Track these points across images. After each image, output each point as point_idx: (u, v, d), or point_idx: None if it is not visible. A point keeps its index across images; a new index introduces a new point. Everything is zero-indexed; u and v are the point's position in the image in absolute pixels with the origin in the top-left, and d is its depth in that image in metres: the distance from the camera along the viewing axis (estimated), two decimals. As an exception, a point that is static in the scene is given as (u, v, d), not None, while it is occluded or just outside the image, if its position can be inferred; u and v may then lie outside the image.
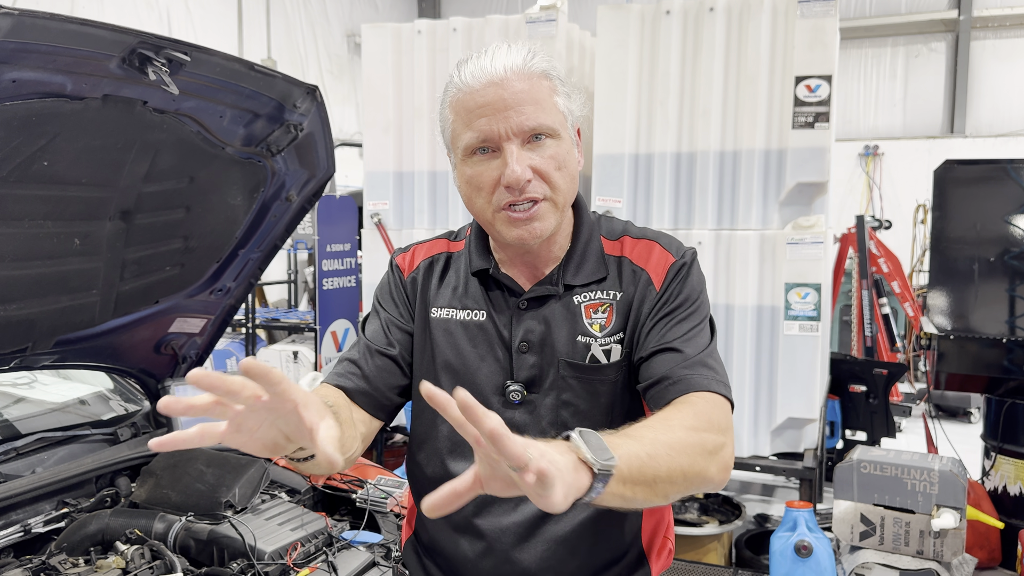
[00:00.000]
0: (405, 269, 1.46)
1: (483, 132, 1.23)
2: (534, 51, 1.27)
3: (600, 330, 1.33)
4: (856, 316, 6.45)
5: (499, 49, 1.25)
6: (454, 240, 1.49)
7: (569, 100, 1.29)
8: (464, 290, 1.40)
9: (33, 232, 1.81)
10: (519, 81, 1.22)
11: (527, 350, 1.34)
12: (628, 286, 1.34)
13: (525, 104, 1.22)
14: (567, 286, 1.34)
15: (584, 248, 1.37)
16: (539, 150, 1.24)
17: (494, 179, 1.24)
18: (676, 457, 1.05)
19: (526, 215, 1.25)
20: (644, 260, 1.36)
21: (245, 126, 1.99)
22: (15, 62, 1.45)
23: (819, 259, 3.57)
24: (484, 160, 1.25)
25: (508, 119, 1.22)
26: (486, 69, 1.23)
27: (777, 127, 3.62)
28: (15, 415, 2.51)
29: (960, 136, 10.23)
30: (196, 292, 2.39)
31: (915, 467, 2.84)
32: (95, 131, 1.72)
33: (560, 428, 1.31)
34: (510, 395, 1.33)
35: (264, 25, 9.50)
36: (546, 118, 1.24)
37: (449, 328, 1.38)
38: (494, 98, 1.22)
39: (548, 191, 1.25)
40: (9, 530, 1.98)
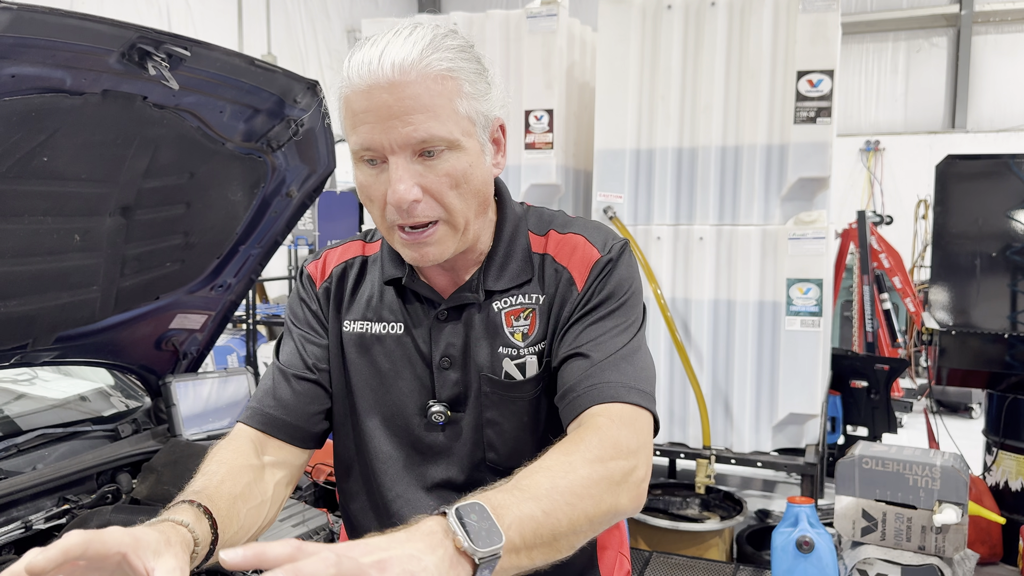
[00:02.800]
0: (317, 279, 1.31)
1: (366, 141, 1.07)
2: (437, 43, 1.07)
3: (523, 339, 1.19)
4: (857, 312, 6.44)
5: (394, 39, 1.06)
6: (369, 241, 1.33)
7: (480, 100, 1.11)
8: (379, 299, 1.25)
9: (33, 228, 1.80)
10: (409, 84, 1.04)
11: (449, 366, 1.20)
12: (550, 287, 1.20)
13: (414, 112, 1.04)
14: (488, 292, 1.20)
15: (508, 248, 1.22)
16: (433, 165, 1.07)
17: (383, 193, 1.09)
18: (578, 504, 0.93)
19: (418, 239, 1.10)
20: (567, 257, 1.21)
21: (245, 121, 1.98)
22: (14, 57, 1.44)
23: (821, 254, 3.57)
24: (373, 170, 1.09)
25: (392, 130, 1.04)
26: (372, 67, 1.04)
27: (779, 122, 3.61)
28: (16, 411, 2.51)
29: (961, 131, 10.21)
30: (197, 288, 2.38)
31: (917, 462, 2.83)
32: (95, 127, 1.71)
33: (485, 449, 1.20)
34: (432, 417, 1.20)
35: (264, 20, 9.48)
36: (440, 128, 1.06)
37: (364, 343, 1.24)
38: (378, 103, 1.04)
39: (441, 212, 1.10)
40: (10, 527, 1.97)
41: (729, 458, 3.81)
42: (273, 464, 1.21)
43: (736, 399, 3.78)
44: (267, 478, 1.19)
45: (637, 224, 3.89)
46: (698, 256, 3.78)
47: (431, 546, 0.78)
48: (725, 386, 3.80)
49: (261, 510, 1.14)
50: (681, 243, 3.82)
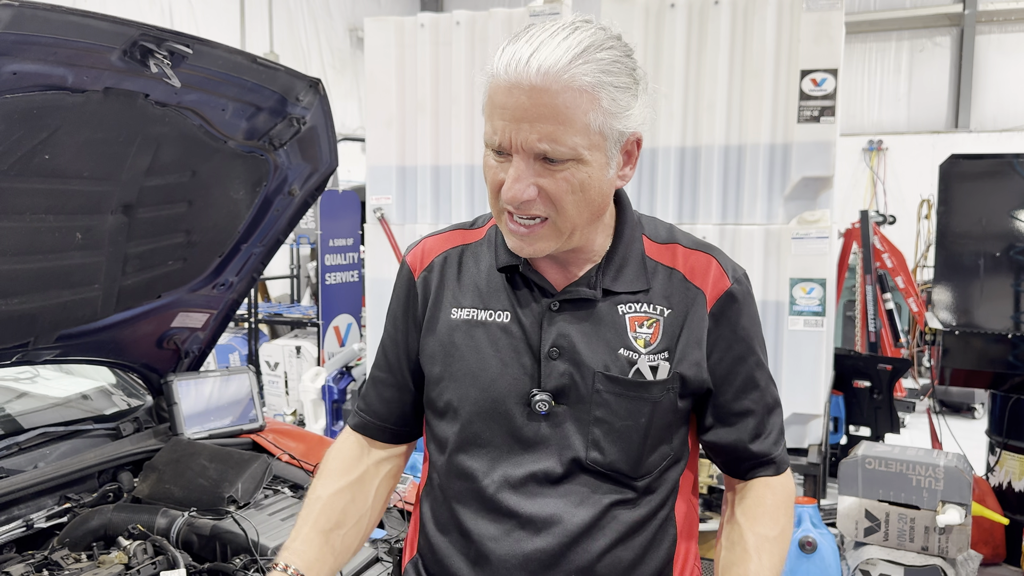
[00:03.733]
0: (416, 268, 1.34)
1: (497, 134, 1.11)
2: (590, 52, 1.08)
3: (645, 346, 1.21)
4: (860, 311, 6.43)
5: (550, 40, 1.08)
6: (470, 229, 1.36)
7: (617, 117, 1.12)
8: (487, 287, 1.27)
9: (35, 226, 1.80)
10: (548, 92, 1.06)
11: (557, 356, 1.21)
12: (679, 304, 1.23)
13: (545, 121, 1.07)
14: (607, 291, 1.23)
15: (626, 251, 1.24)
16: (552, 170, 1.11)
17: (501, 182, 1.14)
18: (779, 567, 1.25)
19: (525, 230, 1.15)
20: (700, 278, 1.24)
21: (247, 119, 1.98)
22: (16, 54, 1.44)
23: (824, 254, 3.56)
24: (499, 159, 1.14)
25: (520, 131, 1.08)
26: (519, 66, 1.07)
27: (782, 121, 3.60)
28: (17, 410, 2.51)
29: (965, 131, 10.19)
30: (199, 287, 2.38)
31: (920, 463, 2.83)
32: (96, 124, 1.70)
33: (589, 447, 1.21)
34: (536, 405, 1.21)
35: (266, 19, 9.48)
36: (567, 140, 1.08)
37: (469, 331, 1.26)
38: (514, 104, 1.08)
39: (553, 213, 1.13)
40: (11, 525, 1.97)
41: (731, 458, 3.80)
42: (379, 461, 1.39)
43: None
44: (370, 480, 1.37)
45: (640, 223, 3.88)
46: (701, 255, 3.78)
47: None
48: (728, 386, 3.80)
49: (362, 523, 1.34)
50: (684, 242, 3.82)
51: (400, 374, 1.36)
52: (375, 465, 1.38)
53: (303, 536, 1.28)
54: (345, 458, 1.37)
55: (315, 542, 1.27)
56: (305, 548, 1.26)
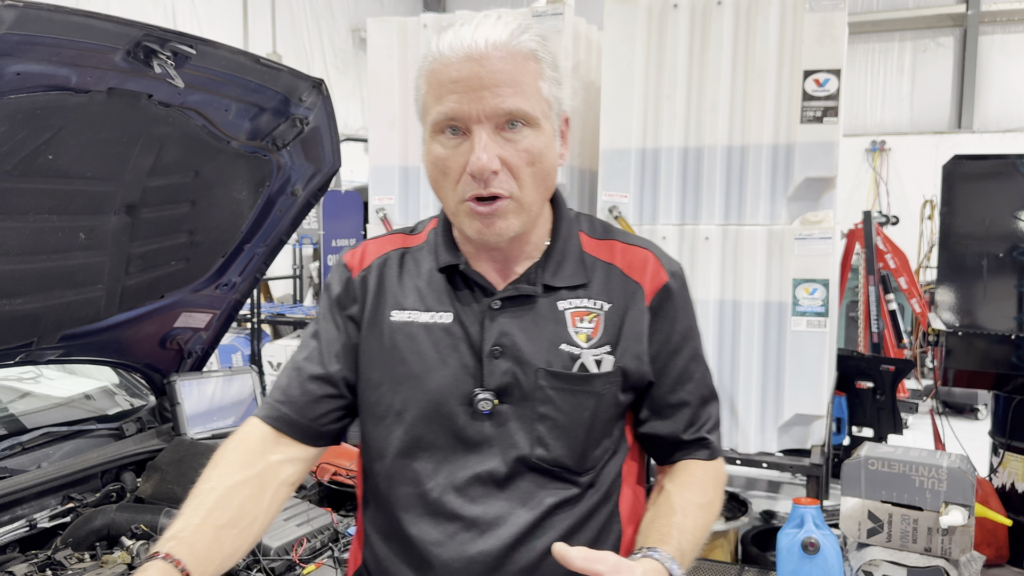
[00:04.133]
0: (355, 268, 1.32)
1: (452, 110, 1.11)
2: (524, 27, 1.14)
3: (586, 340, 1.22)
4: (863, 312, 6.43)
5: (486, 20, 1.14)
6: (411, 234, 1.36)
7: (558, 87, 1.17)
8: (427, 289, 1.26)
9: (38, 226, 1.80)
10: (501, 59, 1.10)
11: (500, 355, 1.21)
12: (619, 299, 1.25)
13: (503, 85, 1.10)
14: (547, 287, 1.23)
15: (564, 246, 1.26)
16: (513, 140, 1.12)
17: (461, 165, 1.13)
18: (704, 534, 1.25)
19: (489, 210, 1.14)
20: (639, 272, 1.27)
21: (251, 120, 1.98)
22: (19, 55, 1.44)
23: (827, 255, 3.55)
24: (452, 142, 1.14)
25: (481, 99, 1.10)
26: (465, 41, 1.11)
27: (785, 122, 3.59)
28: (20, 410, 2.51)
29: (968, 131, 10.18)
30: (201, 287, 2.38)
31: (923, 464, 2.82)
32: (100, 125, 1.71)
33: (534, 443, 1.21)
34: (479, 405, 1.20)
35: (269, 19, 9.49)
36: (525, 103, 1.11)
37: (410, 332, 1.24)
38: (469, 74, 1.10)
39: (515, 188, 1.14)
40: (15, 525, 1.98)
41: (734, 459, 3.79)
42: (281, 462, 1.26)
43: (741, 400, 3.76)
44: (270, 481, 1.24)
45: (642, 224, 3.88)
46: (704, 256, 3.77)
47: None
48: (730, 387, 3.79)
49: (255, 526, 1.21)
50: (687, 243, 3.81)
51: (330, 370, 1.29)
52: (277, 465, 1.26)
53: (193, 527, 1.14)
54: (247, 450, 1.25)
55: (206, 536, 1.14)
56: (194, 540, 1.13)
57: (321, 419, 1.29)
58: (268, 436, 1.27)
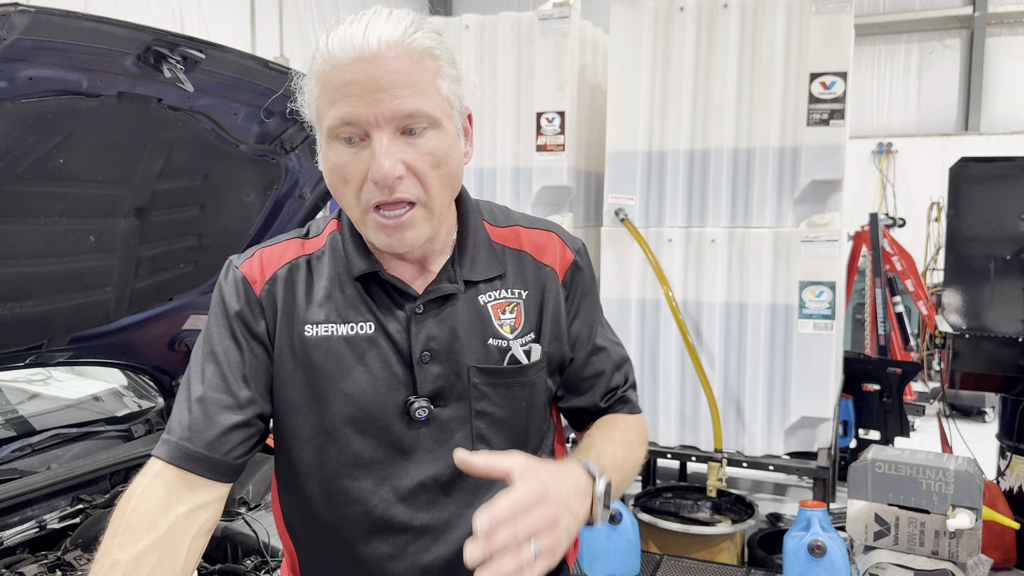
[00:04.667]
0: (256, 281, 1.19)
1: (348, 115, 1.04)
2: (417, 23, 1.08)
3: (511, 331, 1.20)
4: (869, 315, 6.41)
5: (376, 16, 1.06)
6: (307, 238, 1.25)
7: (457, 84, 1.12)
8: (342, 299, 1.18)
9: (48, 229, 1.82)
10: (395, 59, 1.03)
11: (430, 360, 1.16)
12: (533, 283, 1.23)
13: (400, 86, 1.03)
14: (468, 282, 1.20)
15: (475, 238, 1.22)
16: (415, 143, 1.06)
17: (362, 172, 1.06)
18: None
19: (396, 222, 1.08)
20: (549, 255, 1.26)
21: (259, 123, 1.99)
22: (32, 59, 1.45)
23: (834, 257, 3.55)
24: (351, 149, 1.07)
25: (379, 103, 1.03)
26: (356, 41, 1.03)
27: (792, 124, 3.60)
28: (30, 411, 2.53)
29: (975, 133, 10.15)
30: (210, 289, 2.39)
31: (930, 467, 2.82)
32: (110, 128, 1.72)
33: (475, 442, 1.18)
34: (415, 413, 1.16)
35: (276, 23, 9.52)
36: (425, 104, 1.05)
37: (330, 346, 1.16)
38: (363, 76, 1.03)
39: (421, 193, 1.08)
40: (25, 526, 1.99)
41: (741, 461, 3.79)
42: (191, 511, 1.13)
43: (748, 402, 3.76)
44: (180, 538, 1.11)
45: (649, 226, 3.88)
46: (710, 258, 3.78)
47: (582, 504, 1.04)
48: (737, 389, 3.79)
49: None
50: (693, 245, 3.82)
51: (239, 396, 1.16)
52: (186, 516, 1.11)
53: None
54: (150, 507, 1.09)
55: None
56: None
57: (233, 451, 1.16)
58: (173, 483, 1.13)
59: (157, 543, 1.07)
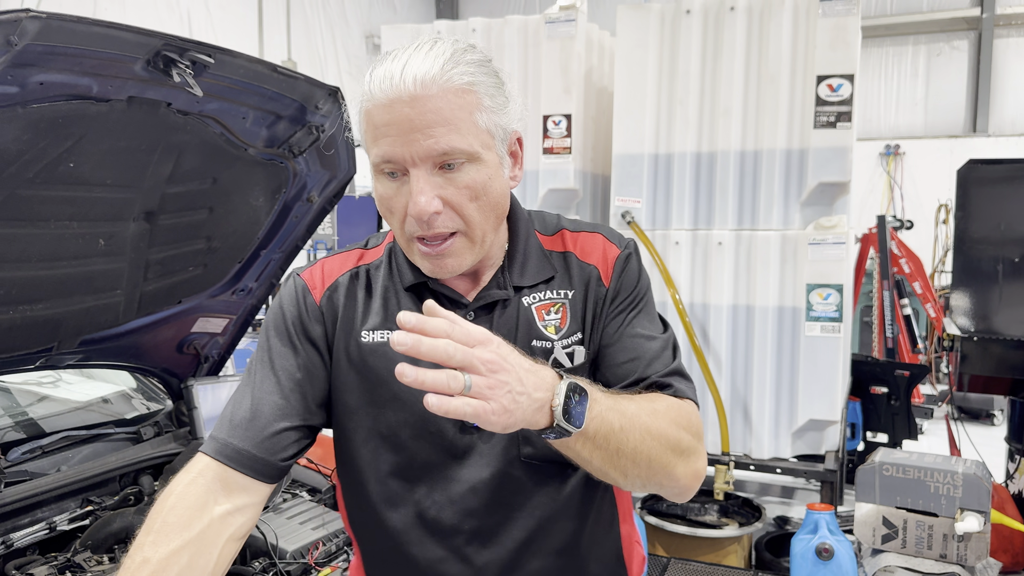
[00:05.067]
0: (317, 290, 1.25)
1: (387, 154, 1.08)
2: (457, 57, 1.09)
3: (555, 332, 1.22)
4: (877, 317, 6.39)
5: (415, 54, 1.08)
6: (367, 249, 1.31)
7: (499, 114, 1.12)
8: (396, 306, 1.22)
9: (59, 233, 1.83)
10: (431, 98, 1.06)
11: None
12: (578, 283, 1.25)
13: (435, 125, 1.06)
14: (515, 288, 1.23)
15: (525, 247, 1.25)
16: (453, 178, 1.09)
17: (403, 206, 1.10)
18: (647, 440, 1.06)
19: (437, 251, 1.12)
20: (591, 255, 1.27)
21: (268, 127, 2.00)
22: (43, 65, 1.46)
23: (841, 260, 3.55)
24: (393, 183, 1.11)
25: (414, 142, 1.06)
26: (394, 81, 1.06)
27: (799, 127, 3.59)
28: (40, 413, 2.54)
29: (983, 135, 10.13)
30: (218, 292, 2.40)
31: (938, 470, 2.81)
32: (120, 133, 1.73)
33: (520, 444, 1.20)
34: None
35: (284, 26, 9.56)
36: (460, 141, 1.07)
37: (386, 353, 1.20)
38: (400, 118, 1.06)
39: (460, 225, 1.11)
40: (35, 527, 2.00)
41: (748, 464, 3.79)
42: (227, 514, 1.15)
43: (755, 405, 3.76)
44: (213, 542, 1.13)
45: (655, 229, 3.88)
46: (717, 261, 3.77)
47: (538, 387, 0.95)
48: (744, 392, 3.79)
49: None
50: (700, 248, 3.82)
51: (292, 400, 1.21)
52: (222, 519, 1.14)
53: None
54: (187, 507, 1.12)
55: None
56: None
57: (280, 453, 1.19)
58: (215, 482, 1.15)
59: (189, 544, 1.09)
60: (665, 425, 1.10)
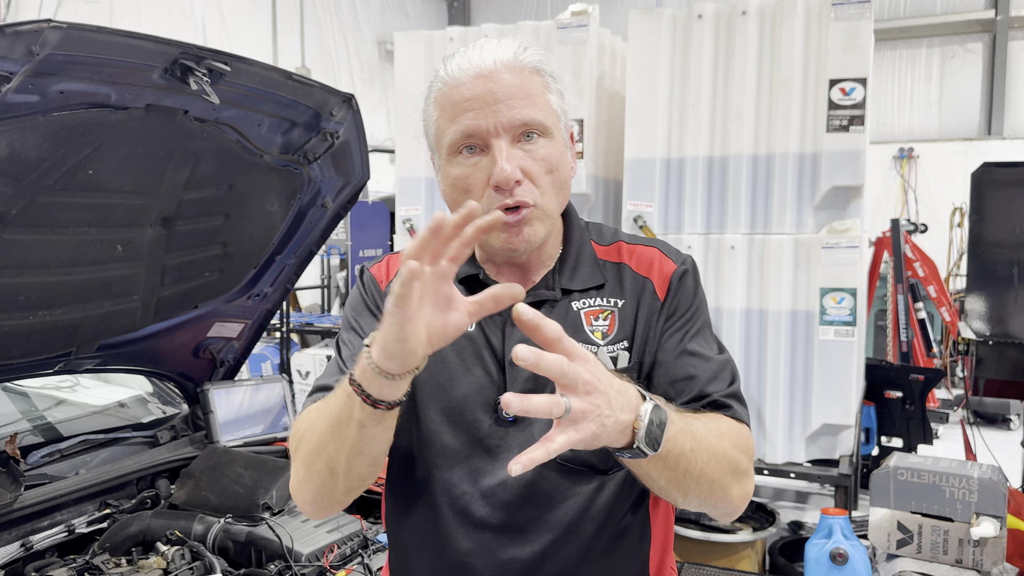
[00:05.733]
0: (382, 280, 1.33)
1: (469, 127, 1.14)
2: (525, 45, 1.19)
3: (602, 338, 1.24)
4: (892, 321, 6.36)
5: (488, 43, 1.19)
6: None
7: (562, 99, 1.21)
8: None
9: (77, 239, 1.85)
10: (509, 74, 1.15)
11: None
12: (631, 295, 1.27)
13: (515, 98, 1.14)
14: (564, 291, 1.26)
15: (578, 252, 1.29)
16: (530, 150, 1.16)
17: (482, 180, 1.15)
18: (712, 463, 1.07)
19: (516, 220, 1.16)
20: (646, 268, 1.29)
21: (283, 134, 2.02)
22: (63, 74, 1.49)
23: (855, 263, 3.54)
24: (471, 160, 1.16)
25: (497, 113, 1.13)
26: (474, 62, 1.15)
27: (811, 130, 3.59)
28: (58, 417, 2.57)
29: (998, 138, 10.05)
30: (234, 297, 2.42)
31: (953, 474, 2.79)
32: (138, 140, 1.75)
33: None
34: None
35: (298, 33, 9.62)
36: (538, 113, 1.16)
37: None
38: (482, 91, 1.14)
39: (538, 196, 1.17)
40: (54, 530, 2.02)
41: (762, 469, 3.78)
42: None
43: (769, 409, 3.75)
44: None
45: (667, 233, 3.88)
46: (729, 265, 3.77)
47: (624, 408, 0.95)
48: (757, 396, 3.78)
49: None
50: (712, 252, 3.81)
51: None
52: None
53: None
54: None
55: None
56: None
57: None
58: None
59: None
60: (728, 447, 1.12)
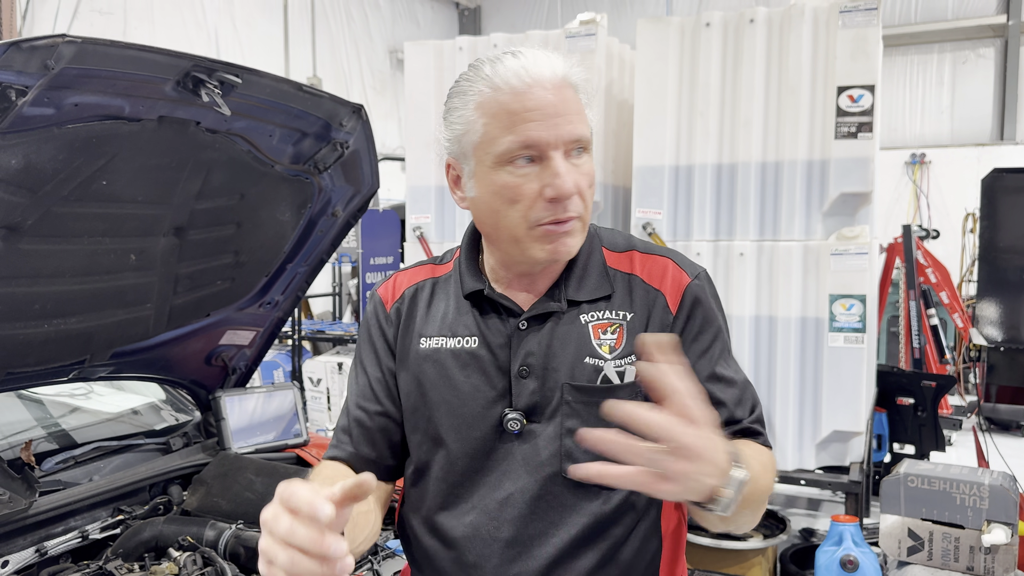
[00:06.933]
0: (388, 300, 1.36)
1: (531, 138, 1.12)
2: (572, 61, 1.20)
3: (610, 351, 1.22)
4: (904, 327, 6.33)
5: (537, 53, 1.17)
6: (439, 264, 1.38)
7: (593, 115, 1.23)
8: (455, 316, 1.28)
9: (92, 248, 1.88)
10: (565, 87, 1.15)
11: (527, 375, 1.22)
12: (640, 308, 1.25)
13: (572, 112, 1.14)
14: (571, 302, 1.25)
15: (586, 261, 1.27)
16: (579, 164, 1.16)
17: (535, 191, 1.14)
18: (761, 499, 1.11)
19: (564, 229, 1.17)
20: (658, 280, 1.26)
21: (293, 145, 2.05)
22: (78, 87, 1.52)
23: (864, 270, 3.53)
24: (523, 170, 1.14)
25: (559, 126, 1.13)
26: (531, 70, 1.13)
27: (820, 137, 3.59)
28: (72, 424, 2.59)
29: (1010, 143, 10.00)
30: (246, 305, 2.44)
31: (964, 481, 2.78)
32: (151, 151, 1.78)
33: (565, 460, 1.20)
34: (508, 424, 1.22)
35: (309, 43, 9.69)
36: (587, 130, 1.17)
37: (439, 359, 1.27)
38: (544, 103, 1.12)
39: (582, 210, 1.18)
40: (67, 536, 2.04)
41: (772, 475, 3.77)
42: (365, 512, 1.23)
43: (779, 416, 3.75)
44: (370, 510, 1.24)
45: (676, 240, 3.89)
46: (738, 272, 3.77)
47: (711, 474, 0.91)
48: (767, 403, 3.78)
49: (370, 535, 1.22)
50: (721, 259, 3.82)
51: (386, 405, 1.32)
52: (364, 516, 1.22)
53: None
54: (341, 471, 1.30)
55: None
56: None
57: (393, 452, 1.33)
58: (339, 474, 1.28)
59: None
60: (769, 481, 1.15)
